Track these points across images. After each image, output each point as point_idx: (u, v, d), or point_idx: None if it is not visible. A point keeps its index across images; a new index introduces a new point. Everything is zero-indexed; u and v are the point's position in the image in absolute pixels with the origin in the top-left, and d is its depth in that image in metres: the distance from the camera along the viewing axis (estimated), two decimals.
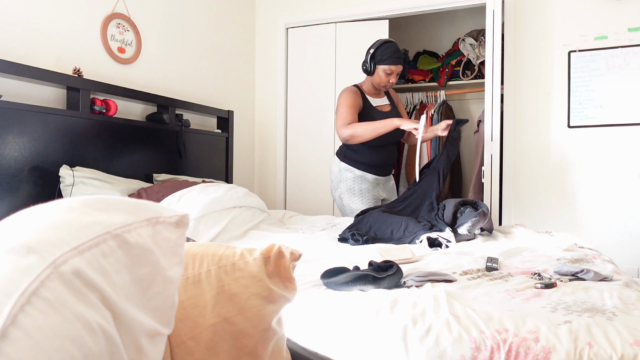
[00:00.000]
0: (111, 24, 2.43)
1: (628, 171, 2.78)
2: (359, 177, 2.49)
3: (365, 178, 2.50)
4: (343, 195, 2.51)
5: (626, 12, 2.78)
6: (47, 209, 0.42)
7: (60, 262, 0.36)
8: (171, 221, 0.48)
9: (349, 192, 2.50)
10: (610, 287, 1.23)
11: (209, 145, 3.08)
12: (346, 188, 2.50)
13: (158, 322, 0.44)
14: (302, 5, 3.62)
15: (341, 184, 2.51)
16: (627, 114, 2.76)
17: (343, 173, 2.50)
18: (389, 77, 2.42)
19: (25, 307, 0.32)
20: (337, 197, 2.56)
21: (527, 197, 3.03)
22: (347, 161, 2.50)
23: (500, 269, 1.50)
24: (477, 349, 0.93)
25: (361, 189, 2.51)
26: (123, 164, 2.38)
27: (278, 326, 0.63)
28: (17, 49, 1.99)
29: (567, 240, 1.92)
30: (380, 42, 2.40)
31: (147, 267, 0.43)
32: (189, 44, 3.04)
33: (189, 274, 0.60)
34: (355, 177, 2.49)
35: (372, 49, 2.39)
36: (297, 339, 1.08)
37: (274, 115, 3.76)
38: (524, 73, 3.03)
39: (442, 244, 1.85)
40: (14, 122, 1.85)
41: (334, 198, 2.60)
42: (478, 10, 4.19)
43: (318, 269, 1.44)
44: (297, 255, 0.64)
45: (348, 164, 2.50)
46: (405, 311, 1.06)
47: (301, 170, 3.67)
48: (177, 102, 2.74)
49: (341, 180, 2.51)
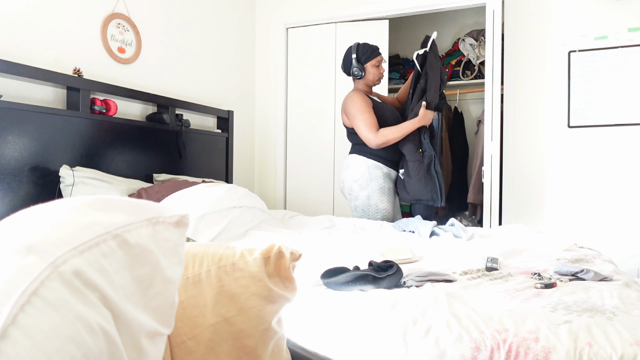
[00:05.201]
0: (111, 24, 2.43)
1: (628, 171, 2.78)
2: (386, 174, 2.47)
3: (390, 176, 2.50)
4: (373, 195, 2.44)
5: (626, 12, 2.78)
6: (47, 209, 0.42)
7: (60, 262, 0.36)
8: (171, 221, 0.48)
9: (380, 192, 2.45)
10: (610, 287, 1.23)
11: (209, 145, 3.08)
12: (378, 187, 2.44)
13: (158, 322, 0.44)
14: (302, 5, 3.62)
15: (372, 182, 2.44)
16: (627, 114, 2.76)
17: (372, 171, 2.45)
18: (379, 69, 2.50)
19: (25, 307, 0.32)
20: (362, 198, 2.46)
21: (527, 197, 3.03)
22: (375, 158, 2.46)
23: (500, 269, 1.50)
24: (477, 349, 0.93)
25: (390, 188, 2.50)
26: (123, 164, 2.38)
27: (278, 326, 0.63)
28: (17, 49, 1.99)
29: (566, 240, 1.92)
30: (353, 46, 2.49)
31: (147, 267, 0.43)
32: (189, 44, 3.04)
33: (189, 274, 0.60)
34: (384, 175, 2.46)
35: (352, 55, 2.46)
36: (297, 339, 1.08)
37: (274, 115, 3.76)
38: (524, 73, 3.03)
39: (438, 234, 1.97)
40: (14, 122, 1.85)
41: (355, 198, 2.50)
42: (478, 10, 4.19)
43: (318, 269, 1.44)
44: (297, 255, 0.64)
45: (377, 160, 2.46)
46: (405, 311, 1.06)
47: (301, 170, 3.67)
48: (177, 102, 2.74)
49: (371, 179, 2.44)
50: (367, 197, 2.45)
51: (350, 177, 2.49)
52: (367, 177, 2.45)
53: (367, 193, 2.45)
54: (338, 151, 3.53)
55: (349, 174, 2.50)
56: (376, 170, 2.45)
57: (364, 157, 2.47)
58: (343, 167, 2.57)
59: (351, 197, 2.52)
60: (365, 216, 2.49)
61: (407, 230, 2.21)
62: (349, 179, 2.50)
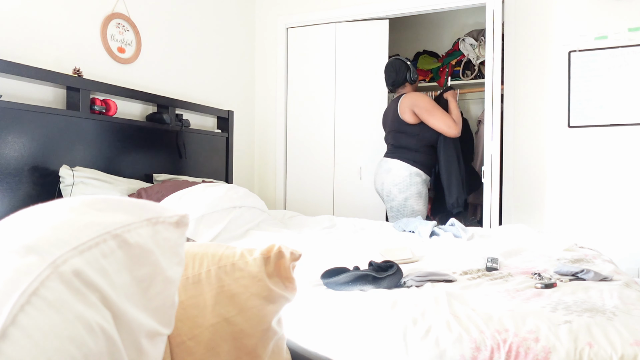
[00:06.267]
0: (111, 24, 2.43)
1: (628, 171, 2.78)
2: (424, 180, 2.70)
3: (426, 182, 2.72)
4: (410, 198, 2.65)
5: (626, 12, 2.78)
6: (47, 209, 0.42)
7: (60, 262, 0.36)
8: (171, 221, 0.48)
9: (417, 196, 2.66)
10: (610, 287, 1.23)
11: (209, 145, 3.08)
12: (416, 191, 2.66)
13: (158, 322, 0.44)
14: (302, 5, 3.62)
15: (411, 187, 2.65)
16: (627, 114, 2.76)
17: (414, 177, 2.66)
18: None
19: (25, 307, 0.32)
20: (399, 200, 2.66)
21: (527, 197, 3.03)
22: (417, 165, 2.68)
23: (500, 269, 1.50)
24: (477, 349, 0.93)
25: (426, 192, 2.73)
26: (123, 164, 2.38)
27: (278, 326, 0.63)
28: (17, 49, 1.99)
29: (566, 240, 1.92)
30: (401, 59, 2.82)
31: (147, 267, 0.43)
32: (189, 44, 3.04)
33: (189, 274, 0.60)
34: (423, 181, 2.69)
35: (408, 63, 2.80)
36: (297, 339, 1.08)
37: (274, 115, 3.76)
38: (524, 73, 3.03)
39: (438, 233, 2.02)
40: (14, 122, 1.85)
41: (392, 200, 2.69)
42: (478, 10, 4.19)
43: (318, 269, 1.44)
44: (297, 255, 0.64)
45: (419, 168, 2.68)
46: (405, 311, 1.06)
47: (301, 170, 3.67)
48: (177, 102, 2.74)
49: (412, 184, 2.65)
50: (404, 199, 2.65)
51: (391, 180, 2.69)
52: (407, 183, 2.65)
53: (405, 196, 2.65)
54: (338, 151, 3.53)
55: (390, 178, 2.69)
56: (417, 177, 2.66)
57: (407, 163, 2.67)
58: (383, 170, 2.75)
59: (388, 199, 2.71)
60: (399, 215, 2.69)
61: (407, 230, 2.21)
62: (389, 182, 2.69)
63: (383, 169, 2.74)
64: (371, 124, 3.43)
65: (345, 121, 3.51)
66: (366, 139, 3.44)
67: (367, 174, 3.45)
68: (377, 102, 3.41)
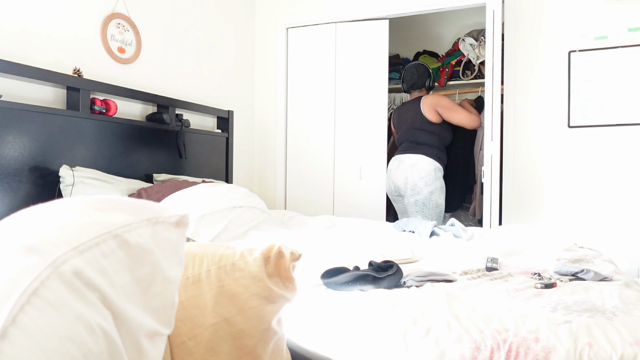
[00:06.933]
0: (111, 24, 2.43)
1: (628, 171, 2.78)
2: (442, 176, 2.92)
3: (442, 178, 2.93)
4: (435, 191, 2.83)
5: (626, 12, 2.78)
6: (47, 209, 0.42)
7: (60, 262, 0.36)
8: (171, 221, 0.48)
9: (440, 190, 2.86)
10: (610, 287, 1.23)
11: (209, 145, 3.08)
12: (440, 185, 2.86)
13: (158, 322, 0.44)
14: (302, 5, 3.62)
15: (436, 181, 2.84)
16: (627, 114, 2.76)
17: (437, 172, 2.86)
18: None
19: (25, 307, 0.32)
20: (425, 193, 2.82)
21: (527, 197, 3.03)
22: (438, 160, 2.88)
23: (500, 269, 1.50)
24: (477, 349, 0.93)
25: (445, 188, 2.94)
26: (123, 164, 2.38)
27: (278, 326, 0.63)
28: (17, 49, 1.99)
29: (566, 240, 1.92)
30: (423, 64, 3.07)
31: (147, 267, 0.43)
32: (189, 44, 3.04)
33: (189, 274, 0.60)
34: (441, 177, 2.90)
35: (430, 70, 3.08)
36: (297, 339, 1.08)
37: (274, 115, 3.76)
38: (524, 73, 3.03)
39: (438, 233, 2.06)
40: (14, 122, 1.85)
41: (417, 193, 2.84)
42: (478, 10, 4.19)
43: (318, 269, 1.44)
44: (297, 255, 0.64)
45: (439, 163, 2.89)
46: (405, 311, 1.06)
47: (301, 170, 3.67)
48: (177, 102, 2.74)
49: (436, 179, 2.84)
50: (430, 192, 2.82)
51: (417, 174, 2.85)
52: (432, 177, 2.83)
53: (430, 189, 2.82)
54: (338, 151, 3.53)
55: (416, 172, 2.86)
56: (439, 172, 2.87)
57: (431, 159, 2.86)
58: (408, 165, 2.89)
59: (413, 192, 2.86)
60: (424, 209, 2.84)
61: (407, 230, 2.21)
62: (415, 176, 2.85)
63: (406, 164, 2.89)
64: (371, 124, 3.43)
65: (345, 121, 3.51)
66: (366, 139, 3.44)
67: (367, 174, 3.45)
68: (377, 102, 3.41)
